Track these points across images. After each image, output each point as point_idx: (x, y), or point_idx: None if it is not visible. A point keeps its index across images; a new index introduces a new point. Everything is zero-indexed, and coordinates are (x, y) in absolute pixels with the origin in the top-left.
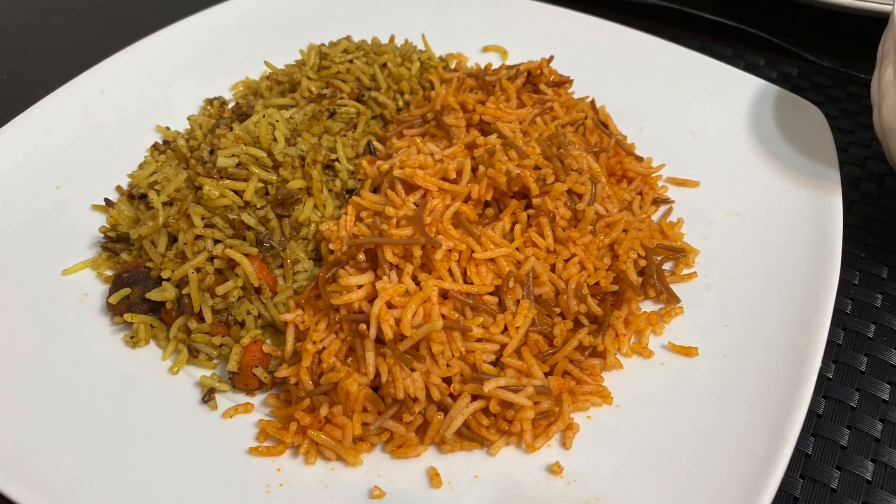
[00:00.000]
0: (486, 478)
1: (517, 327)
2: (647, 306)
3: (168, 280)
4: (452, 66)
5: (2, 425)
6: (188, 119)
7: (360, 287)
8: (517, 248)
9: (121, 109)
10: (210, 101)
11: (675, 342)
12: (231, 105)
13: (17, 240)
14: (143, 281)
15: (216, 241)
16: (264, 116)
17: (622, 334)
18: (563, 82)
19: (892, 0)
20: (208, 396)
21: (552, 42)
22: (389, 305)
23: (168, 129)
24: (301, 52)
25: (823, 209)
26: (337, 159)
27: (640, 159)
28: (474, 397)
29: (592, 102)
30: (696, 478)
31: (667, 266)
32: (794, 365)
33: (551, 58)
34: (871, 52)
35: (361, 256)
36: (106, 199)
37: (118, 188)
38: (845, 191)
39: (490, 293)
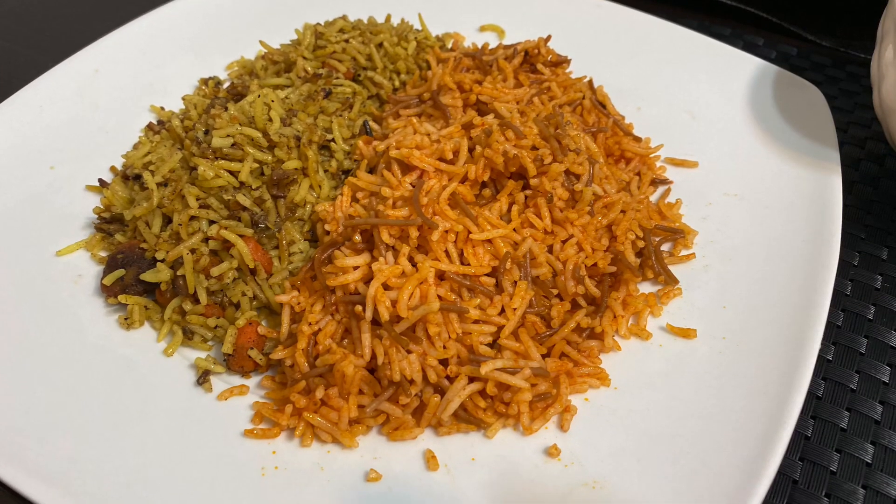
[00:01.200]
0: (482, 460)
1: (514, 309)
2: (646, 288)
3: (162, 261)
4: (449, 45)
5: None
6: (183, 99)
7: (356, 268)
8: (514, 230)
9: (115, 89)
10: (205, 81)
11: (673, 324)
12: (226, 85)
13: (11, 220)
14: (137, 262)
15: (211, 222)
16: (259, 96)
17: (620, 316)
18: (560, 62)
19: None
20: (203, 378)
21: (549, 21)
22: (386, 287)
23: (162, 109)
24: (296, 31)
25: (823, 190)
26: (333, 140)
27: (638, 139)
28: (471, 379)
29: (590, 82)
30: (695, 460)
31: (665, 247)
32: (793, 347)
33: (549, 37)
34: (870, 31)
35: (357, 237)
36: (100, 180)
37: (112, 169)
38: (845, 171)
39: (487, 274)
